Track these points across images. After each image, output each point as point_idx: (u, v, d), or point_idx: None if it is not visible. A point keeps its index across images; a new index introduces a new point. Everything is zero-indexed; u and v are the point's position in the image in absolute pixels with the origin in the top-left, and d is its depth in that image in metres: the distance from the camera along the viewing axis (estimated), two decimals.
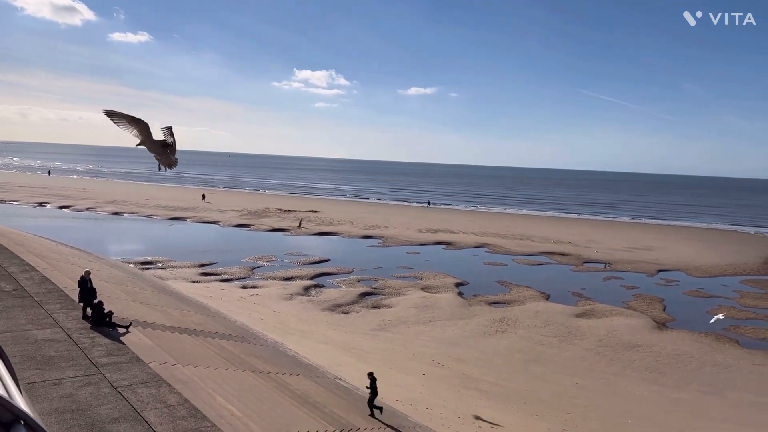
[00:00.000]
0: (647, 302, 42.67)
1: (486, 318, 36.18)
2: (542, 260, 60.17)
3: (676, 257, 63.75)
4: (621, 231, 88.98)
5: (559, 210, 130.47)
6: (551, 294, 44.17)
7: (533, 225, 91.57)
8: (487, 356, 28.95)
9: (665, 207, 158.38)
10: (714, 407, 23.93)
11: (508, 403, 22.22)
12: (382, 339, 30.73)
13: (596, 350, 31.00)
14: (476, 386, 23.98)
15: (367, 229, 75.79)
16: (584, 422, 20.81)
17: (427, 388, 22.83)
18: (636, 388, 25.72)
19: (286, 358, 21.54)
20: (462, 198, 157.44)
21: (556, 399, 23.31)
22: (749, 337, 35.20)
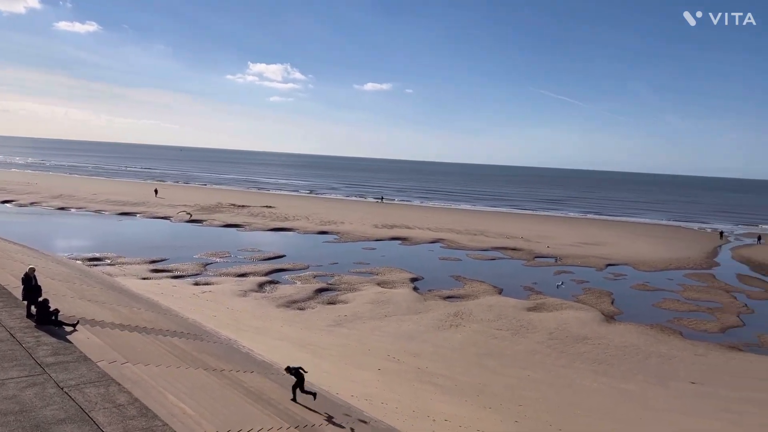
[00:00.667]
0: (596, 296, 43.87)
1: (441, 312, 36.54)
2: (495, 255, 61.11)
3: (624, 252, 65.72)
4: (571, 226, 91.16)
5: (512, 206, 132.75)
6: (504, 288, 44.94)
7: (487, 220, 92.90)
8: (441, 350, 29.25)
9: (614, 203, 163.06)
10: (659, 397, 24.80)
11: (462, 396, 22.51)
12: (337, 335, 30.69)
13: (547, 343, 31.70)
14: (431, 380, 24.20)
15: (323, 225, 75.48)
16: (536, 414, 21.26)
17: (383, 383, 22.91)
18: (585, 379, 26.43)
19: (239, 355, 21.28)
20: (417, 194, 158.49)
21: (509, 391, 23.74)
22: (692, 329, 36.60)
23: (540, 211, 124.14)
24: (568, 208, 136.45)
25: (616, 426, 20.92)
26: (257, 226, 72.55)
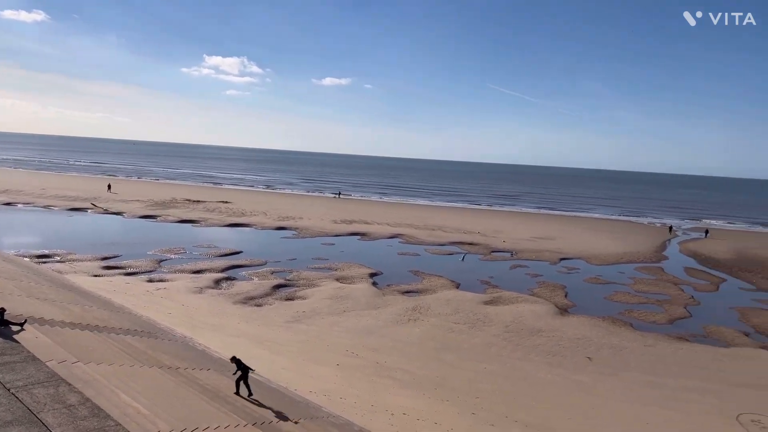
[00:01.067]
0: (550, 289, 44.81)
1: (399, 307, 36.74)
2: (453, 250, 61.74)
3: (577, 246, 67.29)
4: (526, 222, 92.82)
5: (468, 201, 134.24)
6: (461, 282, 45.46)
7: (445, 216, 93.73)
8: (400, 345, 29.43)
9: (567, 198, 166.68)
10: (610, 387, 25.53)
11: (419, 390, 22.71)
12: (296, 331, 30.54)
13: (503, 336, 32.25)
14: (390, 374, 24.34)
15: (281, 221, 74.87)
16: (492, 406, 21.63)
17: (342, 378, 22.92)
18: (540, 371, 27.00)
19: (195, 353, 20.97)
20: (376, 189, 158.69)
21: (466, 384, 24.07)
22: (641, 321, 37.77)
23: (496, 206, 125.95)
24: (523, 203, 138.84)
25: (569, 415, 21.46)
26: (213, 221, 71.45)
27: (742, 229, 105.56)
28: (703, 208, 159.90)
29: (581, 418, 21.29)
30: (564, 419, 21.01)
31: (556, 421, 20.76)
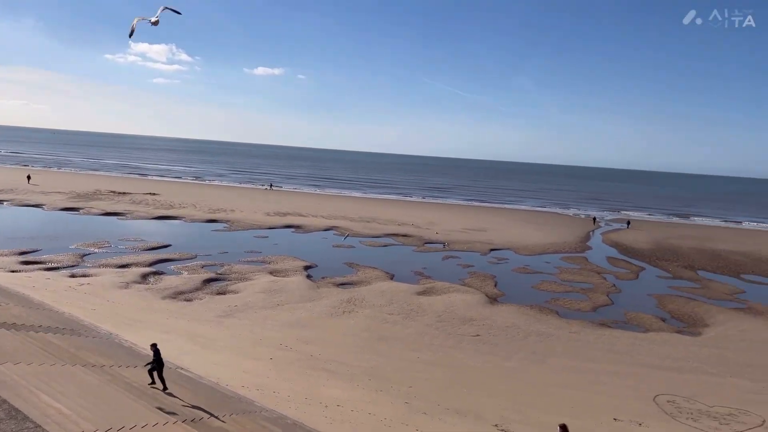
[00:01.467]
0: (481, 279, 45.91)
1: (334, 299, 36.72)
2: (387, 242, 62.19)
3: (506, 237, 69.14)
4: (458, 213, 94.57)
5: (402, 193, 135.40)
6: (395, 274, 45.89)
7: (379, 208, 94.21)
8: (334, 337, 29.45)
9: (497, 191, 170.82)
10: (538, 372, 26.46)
11: (354, 381, 22.83)
12: (228, 325, 30.00)
13: (435, 325, 32.81)
14: (324, 367, 24.33)
15: (212, 213, 73.21)
16: (425, 394, 22.00)
17: (275, 372, 22.74)
18: (470, 359, 27.66)
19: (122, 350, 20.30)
20: (310, 181, 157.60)
21: (399, 374, 24.37)
22: (567, 308, 39.29)
23: (429, 198, 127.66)
24: (456, 195, 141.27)
25: (498, 401, 22.12)
26: (140, 214, 69.04)
27: (660, 220, 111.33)
28: (625, 199, 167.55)
29: (510, 403, 21.98)
30: (494, 405, 21.63)
31: (487, 407, 21.35)
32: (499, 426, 19.55)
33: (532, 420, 20.33)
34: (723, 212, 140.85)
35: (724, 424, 21.62)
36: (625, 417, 21.62)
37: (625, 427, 20.71)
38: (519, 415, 20.74)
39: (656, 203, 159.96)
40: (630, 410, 22.39)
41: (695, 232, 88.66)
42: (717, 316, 38.98)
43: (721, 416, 22.34)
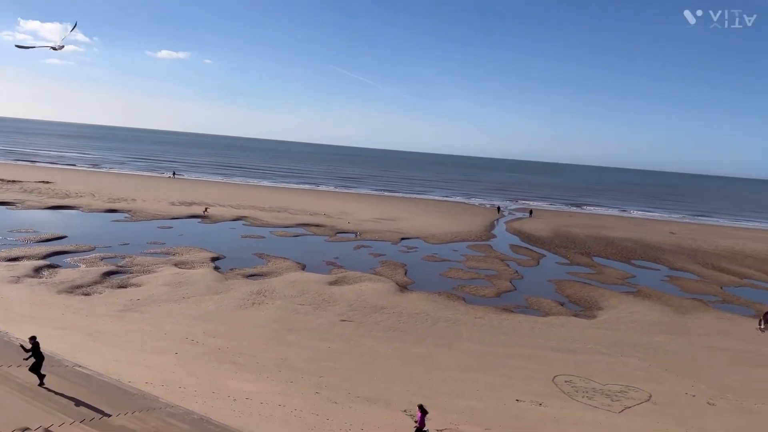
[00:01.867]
0: (392, 268, 46.56)
1: (243, 291, 36.04)
2: (299, 232, 61.69)
3: (416, 227, 70.43)
4: (369, 203, 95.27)
5: (313, 183, 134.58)
6: (307, 264, 45.65)
7: (290, 197, 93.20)
8: (243, 329, 28.94)
9: (407, 181, 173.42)
10: (445, 358, 27.23)
11: (263, 373, 22.57)
12: (130, 320, 28.75)
13: (347, 315, 32.97)
14: (232, 360, 23.87)
15: (112, 202, 69.67)
16: (336, 383, 22.11)
17: (181, 367, 22.08)
18: (381, 346, 28.06)
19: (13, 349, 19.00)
20: (217, 170, 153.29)
21: (310, 364, 24.34)
22: (473, 295, 40.64)
23: (341, 188, 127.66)
24: (366, 185, 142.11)
25: (407, 387, 22.60)
26: (32, 203, 64.56)
27: (559, 209, 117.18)
28: (528, 190, 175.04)
29: (418, 389, 22.52)
30: (402, 391, 22.08)
31: (396, 393, 21.76)
32: (408, 411, 19.99)
33: (439, 404, 20.93)
34: (615, 202, 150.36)
35: (616, 400, 23.20)
36: (527, 398, 22.71)
37: (526, 408, 21.76)
38: (426, 400, 21.24)
39: (556, 193, 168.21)
40: (531, 391, 23.55)
41: (591, 221, 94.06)
42: (610, 300, 41.64)
43: (613, 393, 23.96)
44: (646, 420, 21.40)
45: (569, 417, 21.07)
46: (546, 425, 20.15)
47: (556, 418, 20.81)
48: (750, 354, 31.05)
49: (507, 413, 20.97)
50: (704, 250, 69.47)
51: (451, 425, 19.14)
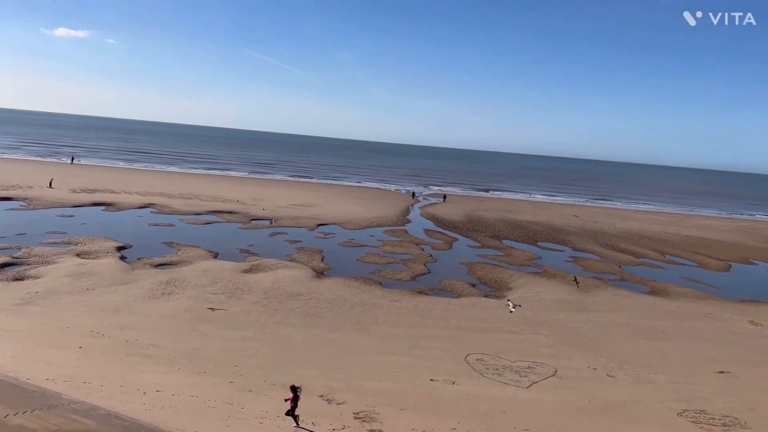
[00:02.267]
0: (308, 254, 46.31)
1: (152, 281, 34.71)
2: (211, 219, 60.02)
3: (332, 212, 70.30)
4: (285, 189, 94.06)
5: (225, 169, 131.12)
6: (220, 252, 44.55)
7: (201, 184, 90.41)
8: (152, 320, 27.91)
9: (323, 167, 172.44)
10: (362, 342, 27.49)
11: (175, 364, 21.91)
12: (28, 314, 27.01)
13: (262, 303, 32.54)
14: (141, 352, 23.00)
15: (6, 190, 64.95)
16: (250, 371, 21.82)
17: (85, 362, 21.05)
18: (298, 333, 27.92)
19: None
20: (121, 155, 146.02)
21: (223, 354, 23.87)
22: (389, 279, 41.18)
23: (254, 174, 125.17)
24: (281, 171, 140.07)
25: (324, 372, 22.65)
26: None
27: (470, 194, 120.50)
28: (441, 176, 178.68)
29: (335, 373, 22.64)
30: (320, 376, 22.12)
31: (313, 379, 21.77)
32: (325, 396, 20.07)
33: (355, 387, 21.16)
34: (523, 186, 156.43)
35: (524, 376, 24.31)
36: (441, 377, 23.36)
37: (440, 387, 22.39)
38: (344, 384, 21.46)
39: (468, 179, 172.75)
40: (445, 370, 24.23)
41: (500, 205, 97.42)
42: (518, 280, 43.42)
43: (522, 369, 25.08)
44: (552, 393, 22.57)
45: (481, 394, 21.87)
46: (459, 403, 20.83)
47: (468, 396, 21.55)
48: (645, 328, 33.36)
49: (422, 393, 21.49)
50: (604, 232, 73.70)
51: (367, 407, 19.39)
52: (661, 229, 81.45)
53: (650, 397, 23.00)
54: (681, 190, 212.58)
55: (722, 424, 20.60)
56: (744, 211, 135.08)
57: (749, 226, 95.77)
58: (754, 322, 36.36)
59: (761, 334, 33.83)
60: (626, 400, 22.39)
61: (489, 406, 20.71)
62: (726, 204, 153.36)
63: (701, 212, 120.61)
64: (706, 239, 74.68)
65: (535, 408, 20.91)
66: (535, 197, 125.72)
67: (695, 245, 68.80)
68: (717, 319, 36.61)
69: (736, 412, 21.79)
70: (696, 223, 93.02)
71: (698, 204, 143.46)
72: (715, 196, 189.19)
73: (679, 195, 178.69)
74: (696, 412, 21.54)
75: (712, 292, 45.16)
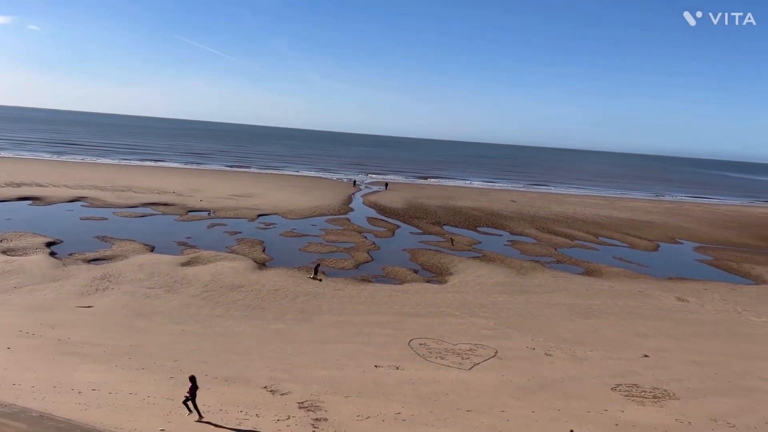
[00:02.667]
0: (249, 245, 45.62)
1: (85, 277, 33.44)
2: (146, 212, 58.25)
3: (273, 202, 69.42)
4: (223, 180, 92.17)
5: (160, 160, 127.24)
6: (156, 245, 43.34)
7: (135, 176, 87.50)
8: (87, 317, 26.92)
9: (261, 156, 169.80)
10: (305, 331, 27.37)
11: (111, 362, 21.20)
12: None
13: (202, 296, 31.89)
14: (75, 351, 22.14)
15: None
16: (191, 365, 21.34)
17: (15, 363, 20.09)
18: (239, 325, 27.53)
19: None
20: (48, 147, 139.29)
21: (163, 349, 23.28)
22: (332, 267, 41.09)
23: (191, 165, 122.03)
24: (218, 161, 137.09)
25: (267, 364, 22.43)
26: None
27: (411, 182, 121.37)
28: (384, 164, 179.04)
29: (279, 364, 22.46)
30: (263, 368, 21.89)
31: (256, 370, 21.53)
32: (269, 387, 19.89)
33: (299, 377, 21.05)
34: (463, 174, 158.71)
35: (466, 358, 24.79)
36: (385, 363, 23.55)
37: (384, 372, 22.56)
38: (287, 374, 21.31)
39: (409, 167, 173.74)
40: (389, 356, 24.44)
41: (441, 192, 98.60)
42: (459, 265, 44.15)
43: (463, 352, 25.57)
44: (493, 374, 23.13)
45: (424, 377, 22.18)
46: (403, 387, 21.05)
47: (412, 380, 21.81)
48: (580, 308, 34.59)
49: (366, 380, 21.60)
50: (541, 216, 75.79)
51: (312, 396, 19.35)
52: (595, 212, 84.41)
53: (586, 373, 23.89)
54: (614, 175, 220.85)
55: (653, 396, 21.63)
56: (672, 193, 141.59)
57: (674, 207, 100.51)
58: (681, 298, 38.27)
59: (687, 309, 35.66)
60: (563, 377, 23.18)
61: (432, 389, 21.03)
62: (655, 187, 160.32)
63: (632, 195, 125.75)
64: (636, 221, 77.89)
65: (477, 389, 21.37)
66: (475, 184, 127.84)
67: (626, 227, 71.67)
68: (647, 296, 38.33)
69: (665, 384, 22.92)
70: (627, 206, 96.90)
71: (629, 187, 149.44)
72: (646, 180, 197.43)
73: (612, 179, 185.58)
74: (628, 386, 22.54)
75: (642, 271, 47.22)
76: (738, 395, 22.24)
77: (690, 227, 75.97)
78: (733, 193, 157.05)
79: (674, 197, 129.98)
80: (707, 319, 33.76)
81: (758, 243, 66.81)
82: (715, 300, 38.41)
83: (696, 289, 41.21)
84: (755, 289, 43.19)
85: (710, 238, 67.88)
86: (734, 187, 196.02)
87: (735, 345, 28.97)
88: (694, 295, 39.37)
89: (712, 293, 40.35)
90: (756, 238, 69.92)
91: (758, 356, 27.33)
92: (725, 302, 37.95)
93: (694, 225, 78.19)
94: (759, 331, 31.74)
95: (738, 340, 29.93)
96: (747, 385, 23.42)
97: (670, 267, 50.07)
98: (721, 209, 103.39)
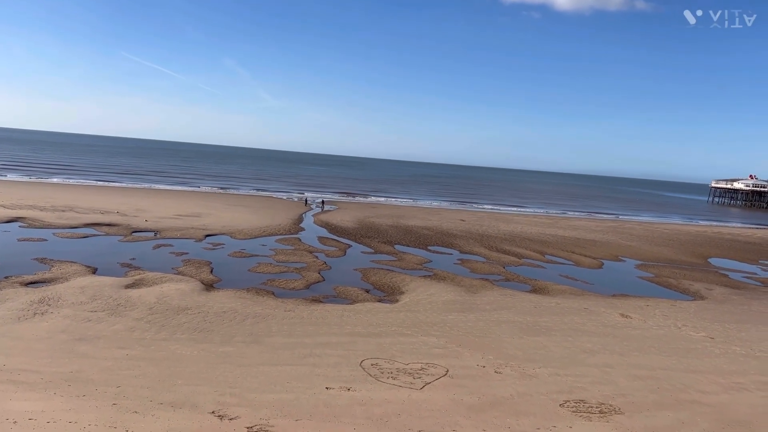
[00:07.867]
0: (196, 266, 44.64)
1: (21, 301, 31.96)
2: (88, 232, 56.32)
3: (221, 222, 68.30)
4: (169, 199, 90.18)
5: (101, 179, 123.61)
6: (99, 267, 41.88)
7: (76, 195, 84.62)
8: (23, 343, 25.68)
9: (210, 176, 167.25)
10: (254, 354, 26.84)
11: (49, 389, 20.26)
12: None
13: (147, 319, 30.93)
14: (10, 378, 21.08)
15: None
16: (135, 392, 20.64)
17: None
18: (185, 349, 26.79)
19: None
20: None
21: (105, 375, 22.42)
22: (282, 288, 40.59)
23: (135, 184, 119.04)
24: (165, 180, 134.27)
25: (215, 388, 21.88)
26: None
27: (361, 201, 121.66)
28: (335, 183, 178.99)
29: (227, 388, 21.94)
30: (210, 392, 21.35)
31: (203, 395, 20.97)
32: (216, 412, 19.40)
33: (248, 401, 20.62)
34: (411, 193, 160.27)
35: (417, 377, 24.81)
36: (336, 384, 23.31)
37: (335, 394, 22.33)
38: (236, 399, 20.85)
39: (360, 185, 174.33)
40: (340, 378, 24.21)
41: (392, 211, 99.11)
42: (410, 284, 44.33)
43: (415, 371, 25.58)
44: (444, 393, 23.20)
45: (376, 398, 22.06)
46: (354, 409, 20.88)
47: (363, 401, 21.66)
48: (528, 324, 35.17)
49: (317, 402, 21.33)
50: (489, 235, 77.04)
51: (261, 421, 18.96)
52: (541, 230, 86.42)
53: (535, 390, 24.24)
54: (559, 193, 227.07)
55: (599, 411, 22.12)
56: (614, 212, 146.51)
57: (617, 226, 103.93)
58: (624, 314, 39.43)
59: (630, 325, 36.75)
60: (513, 395, 23.46)
61: (384, 410, 20.93)
62: (599, 206, 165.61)
63: (576, 214, 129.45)
64: (581, 239, 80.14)
65: (428, 408, 21.39)
66: (425, 203, 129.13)
67: (571, 245, 73.62)
68: (592, 313, 39.33)
69: (611, 399, 23.50)
70: (572, 224, 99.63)
71: (574, 207, 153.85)
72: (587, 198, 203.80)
73: (557, 199, 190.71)
74: (576, 401, 22.99)
75: (587, 288, 48.47)
76: (679, 409, 22.99)
77: (632, 245, 78.60)
78: (669, 211, 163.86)
79: (616, 215, 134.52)
80: (649, 334, 34.85)
81: (695, 260, 69.66)
82: (657, 316, 39.73)
83: (639, 306, 42.54)
84: (693, 305, 44.90)
85: (651, 256, 70.38)
86: (669, 205, 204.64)
87: (676, 359, 29.98)
88: (637, 311, 40.62)
89: (654, 309, 41.73)
90: (693, 256, 72.91)
91: (697, 370, 28.36)
92: (666, 318, 39.30)
93: (635, 243, 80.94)
94: (697, 346, 32.95)
95: (678, 354, 30.99)
96: (687, 399, 24.24)
97: (614, 284, 51.57)
98: (660, 227, 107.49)
